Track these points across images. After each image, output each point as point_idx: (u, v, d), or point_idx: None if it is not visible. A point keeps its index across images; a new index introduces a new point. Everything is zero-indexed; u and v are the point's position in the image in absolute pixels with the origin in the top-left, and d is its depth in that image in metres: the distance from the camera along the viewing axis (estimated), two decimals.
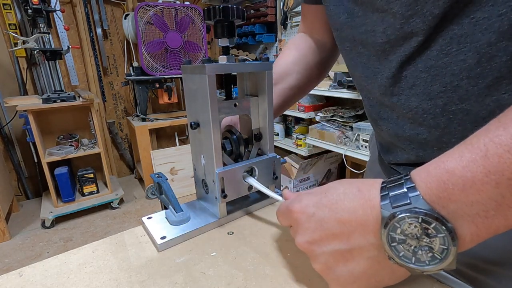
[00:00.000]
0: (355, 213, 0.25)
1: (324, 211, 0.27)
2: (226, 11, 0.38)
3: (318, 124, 2.03)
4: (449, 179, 0.21)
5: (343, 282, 0.27)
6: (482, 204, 0.20)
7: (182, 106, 2.91)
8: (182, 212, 0.42)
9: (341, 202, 0.26)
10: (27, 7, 1.73)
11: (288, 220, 0.31)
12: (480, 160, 0.20)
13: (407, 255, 0.23)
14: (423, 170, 0.23)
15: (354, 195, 0.26)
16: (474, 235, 0.21)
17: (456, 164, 0.21)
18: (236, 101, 0.43)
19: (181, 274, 0.33)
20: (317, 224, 0.27)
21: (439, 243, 0.22)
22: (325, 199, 0.27)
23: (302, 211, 0.28)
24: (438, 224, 0.21)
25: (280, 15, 2.52)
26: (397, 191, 0.23)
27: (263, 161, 0.44)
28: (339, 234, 0.26)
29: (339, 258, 0.26)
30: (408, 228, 0.22)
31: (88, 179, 2.16)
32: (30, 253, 1.78)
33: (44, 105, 1.81)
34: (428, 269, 0.22)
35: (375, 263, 0.25)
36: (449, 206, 0.21)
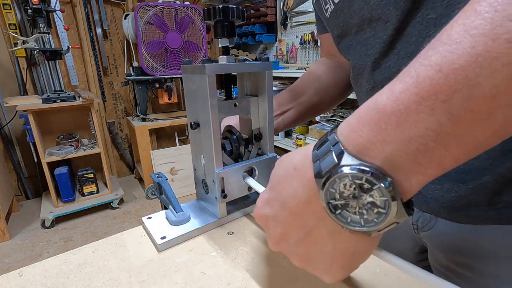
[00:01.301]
0: (297, 195, 0.24)
1: (274, 206, 0.26)
2: (226, 11, 0.38)
3: (318, 124, 2.03)
4: (381, 119, 0.19)
5: (324, 268, 0.26)
6: (420, 137, 0.18)
7: (182, 106, 2.91)
8: (182, 212, 0.42)
9: (284, 190, 0.25)
10: (27, 7, 1.73)
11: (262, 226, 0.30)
12: (411, 88, 0.18)
13: (355, 219, 0.21)
14: (353, 117, 0.21)
15: (292, 176, 0.25)
16: (418, 174, 0.19)
17: (387, 99, 0.19)
18: (236, 101, 0.43)
19: (181, 274, 0.33)
20: (274, 223, 0.27)
21: (378, 195, 0.20)
22: (273, 192, 0.27)
23: (260, 215, 0.28)
24: (367, 177, 0.19)
25: (280, 15, 2.52)
26: (324, 152, 0.21)
27: (263, 161, 0.44)
28: (294, 223, 0.25)
29: (306, 245, 0.25)
30: (345, 190, 0.21)
31: (88, 179, 2.16)
32: (30, 253, 1.78)
33: (44, 105, 1.81)
34: (380, 227, 0.21)
35: (337, 235, 0.23)
36: (385, 149, 0.19)
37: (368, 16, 0.36)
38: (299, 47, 2.43)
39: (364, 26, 0.38)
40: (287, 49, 2.55)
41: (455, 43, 0.17)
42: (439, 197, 0.37)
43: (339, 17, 0.42)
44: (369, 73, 0.40)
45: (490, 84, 0.16)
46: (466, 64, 0.17)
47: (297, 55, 2.48)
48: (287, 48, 2.56)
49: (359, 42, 0.40)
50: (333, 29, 0.46)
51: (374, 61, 0.38)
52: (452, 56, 0.17)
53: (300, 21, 2.37)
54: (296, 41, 2.46)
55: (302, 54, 2.44)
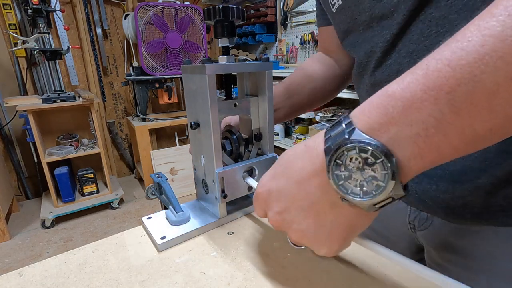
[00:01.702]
0: (305, 168, 0.25)
1: (280, 180, 0.28)
2: (226, 11, 0.38)
3: (318, 124, 2.03)
4: (389, 103, 0.21)
5: (323, 241, 0.27)
6: (422, 122, 0.20)
7: (182, 106, 2.91)
8: (182, 212, 0.42)
9: (292, 164, 0.27)
10: (27, 7, 1.72)
11: (259, 205, 0.31)
12: (420, 78, 0.20)
13: (355, 191, 0.23)
14: (366, 102, 0.23)
15: (302, 152, 0.26)
16: (417, 157, 0.21)
17: (397, 87, 0.21)
18: (236, 101, 0.43)
19: (181, 274, 0.33)
20: (278, 194, 0.28)
21: (380, 169, 0.21)
22: (279, 168, 0.28)
23: (263, 189, 0.29)
24: (374, 150, 0.21)
25: (280, 15, 2.52)
26: (336, 130, 0.23)
27: (263, 161, 0.44)
28: (298, 194, 0.26)
29: (307, 217, 0.26)
30: (350, 162, 0.22)
31: (88, 179, 2.16)
32: (30, 253, 1.78)
33: (44, 105, 1.81)
34: (376, 200, 0.22)
35: (338, 208, 0.25)
36: (390, 130, 0.21)
37: (379, 14, 0.36)
38: (299, 47, 2.43)
39: (372, 24, 0.38)
40: (287, 49, 2.55)
41: (466, 41, 0.18)
42: (435, 197, 0.37)
43: (346, 13, 0.42)
44: (372, 70, 0.40)
45: (493, 81, 0.17)
46: (473, 61, 0.18)
47: (297, 55, 2.48)
48: (287, 48, 2.56)
49: (365, 40, 0.40)
50: (338, 24, 0.46)
51: (377, 59, 0.38)
52: (462, 52, 0.18)
53: (300, 21, 2.37)
54: (296, 41, 2.46)
55: (302, 54, 2.44)
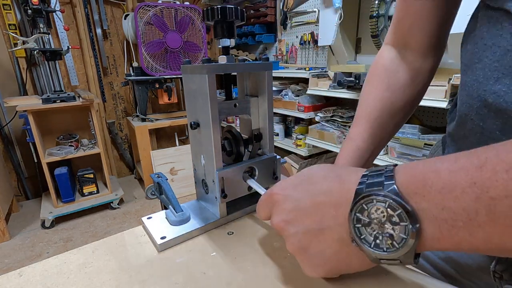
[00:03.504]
0: (331, 195, 0.26)
1: (301, 193, 0.28)
2: (225, 11, 0.38)
3: (318, 124, 2.03)
4: (431, 178, 0.21)
5: (315, 264, 0.27)
6: (454, 213, 0.19)
7: (182, 106, 2.91)
8: (182, 212, 0.42)
9: (319, 185, 0.27)
10: (27, 8, 1.73)
11: (267, 205, 0.31)
12: (472, 169, 0.19)
13: (368, 239, 0.23)
14: (411, 164, 0.23)
15: (333, 179, 0.26)
16: (435, 240, 0.21)
17: (447, 166, 0.20)
18: (236, 101, 0.43)
19: (181, 274, 0.33)
20: (293, 204, 0.28)
21: (399, 231, 0.22)
22: (305, 182, 0.28)
23: (281, 192, 0.29)
24: (403, 213, 0.21)
25: (280, 15, 2.52)
26: (375, 179, 0.23)
27: (263, 161, 0.44)
28: (313, 214, 0.26)
29: (311, 238, 0.26)
30: (375, 212, 0.22)
31: (88, 179, 2.16)
32: (30, 253, 1.78)
33: (44, 105, 1.81)
34: (384, 256, 0.22)
35: (344, 245, 0.25)
36: (421, 204, 0.21)
37: None
38: (299, 47, 2.43)
39: None
40: (287, 49, 2.55)
41: None
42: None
43: None
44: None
45: None
46: None
47: (297, 55, 2.48)
48: (287, 48, 2.56)
49: None
50: None
51: None
52: None
53: (300, 21, 2.37)
54: (296, 41, 2.46)
55: (302, 54, 2.44)
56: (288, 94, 2.20)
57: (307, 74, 1.97)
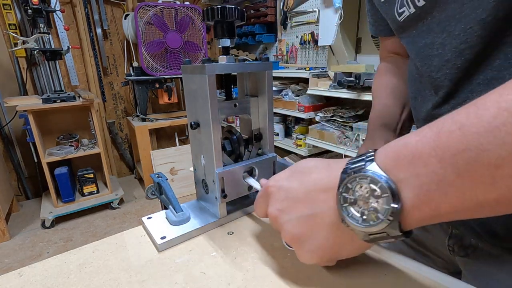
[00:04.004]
0: (320, 181, 0.28)
1: (293, 182, 0.29)
2: (225, 11, 0.38)
3: (318, 124, 2.03)
4: (402, 151, 0.23)
5: (309, 250, 0.28)
6: (426, 177, 0.21)
7: (182, 106, 2.91)
8: (182, 212, 0.42)
9: (309, 174, 0.29)
10: (27, 7, 1.72)
11: (264, 200, 0.32)
12: (433, 135, 0.21)
13: (355, 216, 0.24)
14: (388, 144, 0.25)
15: (322, 168, 0.28)
16: (415, 209, 0.22)
17: (413, 138, 0.22)
18: (236, 101, 0.43)
19: (181, 274, 0.33)
20: (286, 193, 0.29)
21: (382, 203, 0.23)
22: (296, 172, 0.30)
23: (275, 184, 0.31)
24: (383, 185, 0.22)
25: (280, 15, 2.52)
26: (358, 163, 0.25)
27: (263, 161, 0.44)
28: (304, 200, 0.28)
29: (304, 224, 0.28)
30: (359, 190, 0.24)
31: (88, 179, 2.16)
32: (30, 253, 1.78)
33: (44, 105, 1.81)
34: (372, 230, 0.23)
35: (335, 228, 0.26)
36: (398, 175, 0.22)
37: None
38: (299, 47, 2.43)
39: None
40: (287, 49, 2.55)
41: (483, 109, 0.19)
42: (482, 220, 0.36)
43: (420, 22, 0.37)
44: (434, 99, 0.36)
45: (498, 155, 0.18)
46: (484, 131, 0.18)
47: (297, 55, 2.48)
48: (287, 48, 2.56)
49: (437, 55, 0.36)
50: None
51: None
52: (475, 120, 0.19)
53: (300, 21, 2.37)
54: (296, 41, 2.46)
55: (302, 54, 2.44)
56: (288, 94, 2.20)
57: (307, 74, 1.97)
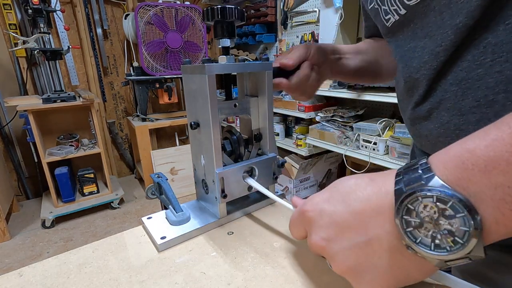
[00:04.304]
0: (369, 201, 0.23)
1: (336, 205, 0.25)
2: (225, 11, 0.38)
3: (318, 124, 2.03)
4: (469, 159, 0.19)
5: (369, 281, 0.24)
6: (508, 188, 0.17)
7: (182, 106, 2.91)
8: (182, 212, 0.42)
9: (353, 193, 0.25)
10: (27, 7, 1.73)
11: (301, 224, 0.29)
12: (507, 138, 0.18)
13: (425, 242, 0.20)
14: (443, 151, 0.21)
15: (366, 184, 0.24)
16: (501, 225, 0.18)
17: (479, 142, 0.19)
18: (236, 101, 0.43)
19: (181, 274, 0.33)
20: (330, 219, 0.25)
21: (459, 224, 0.19)
22: (337, 193, 0.26)
23: (314, 208, 0.27)
24: (455, 202, 0.19)
25: (280, 15, 2.52)
26: (411, 175, 0.21)
27: (263, 161, 0.44)
28: (354, 225, 0.24)
29: (359, 252, 0.24)
30: (424, 210, 0.20)
31: (88, 179, 2.16)
32: (30, 253, 1.78)
33: (44, 105, 1.81)
34: (450, 256, 0.20)
35: (398, 254, 0.22)
36: (470, 188, 0.19)
37: None
38: None
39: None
40: (287, 49, 2.55)
41: None
42: None
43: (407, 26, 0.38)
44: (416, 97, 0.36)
45: None
46: None
47: None
48: (287, 48, 2.56)
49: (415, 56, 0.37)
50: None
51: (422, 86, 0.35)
52: None
53: (300, 21, 2.37)
54: (296, 41, 2.46)
55: None
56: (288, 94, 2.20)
57: None
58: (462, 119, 0.30)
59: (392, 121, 1.65)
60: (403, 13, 0.35)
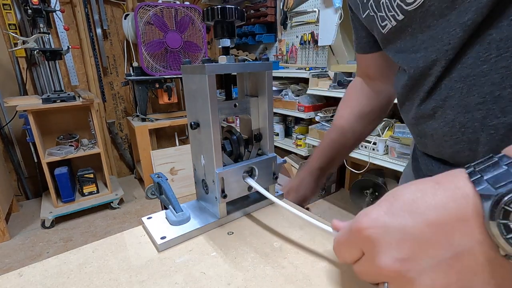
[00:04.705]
0: (445, 208, 0.20)
1: (403, 216, 0.21)
2: (225, 11, 0.38)
3: (318, 124, 2.03)
4: None
5: None
6: None
7: (182, 106, 2.91)
8: (182, 212, 0.42)
9: (420, 201, 0.21)
10: (27, 7, 1.72)
11: (356, 245, 0.24)
12: None
13: None
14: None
15: (434, 189, 0.21)
16: None
17: None
18: (236, 102, 0.43)
19: (181, 274, 0.33)
20: (400, 234, 0.21)
21: None
22: (397, 203, 0.22)
23: (375, 224, 0.22)
24: None
25: (280, 15, 2.52)
26: (494, 172, 0.19)
27: (263, 161, 0.44)
28: (435, 239, 0.20)
29: (448, 271, 0.20)
30: None
31: (88, 179, 2.16)
32: (30, 253, 1.78)
33: (44, 105, 1.81)
34: None
35: (497, 267, 0.19)
36: None
37: None
38: (299, 47, 2.43)
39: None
40: (287, 49, 2.55)
41: None
42: None
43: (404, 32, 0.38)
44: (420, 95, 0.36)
45: None
46: None
47: (297, 55, 2.48)
48: (287, 48, 2.56)
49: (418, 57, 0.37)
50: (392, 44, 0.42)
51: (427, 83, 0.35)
52: None
53: (300, 21, 2.37)
54: (296, 41, 2.46)
55: (302, 54, 2.44)
56: (288, 94, 2.20)
57: (307, 74, 1.97)
58: (468, 116, 0.30)
59: (391, 121, 1.65)
60: (401, 18, 0.35)
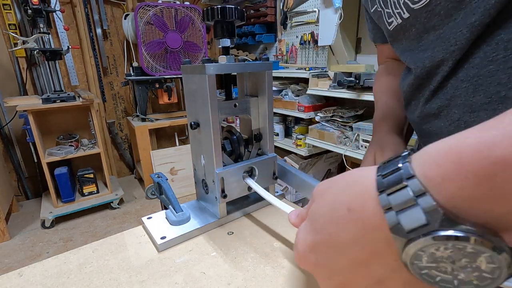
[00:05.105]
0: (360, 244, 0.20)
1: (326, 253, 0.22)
2: (225, 11, 0.38)
3: (318, 124, 2.03)
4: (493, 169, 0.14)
5: None
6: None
7: (182, 106, 2.91)
8: (182, 212, 0.42)
9: (336, 235, 0.21)
10: (27, 7, 1.73)
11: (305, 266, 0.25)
12: None
13: (446, 279, 0.17)
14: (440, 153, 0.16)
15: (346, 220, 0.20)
16: None
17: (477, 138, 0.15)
18: (236, 101, 0.43)
19: (181, 274, 0.33)
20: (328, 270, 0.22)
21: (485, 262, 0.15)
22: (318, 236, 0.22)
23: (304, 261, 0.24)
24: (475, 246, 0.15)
25: (280, 15, 2.52)
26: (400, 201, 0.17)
27: (263, 161, 0.44)
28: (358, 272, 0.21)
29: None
30: (437, 252, 0.16)
31: (88, 179, 2.16)
32: (30, 253, 1.78)
33: (44, 105, 1.81)
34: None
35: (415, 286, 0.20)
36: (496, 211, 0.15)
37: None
38: (299, 47, 2.43)
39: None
40: (287, 49, 2.55)
41: None
42: None
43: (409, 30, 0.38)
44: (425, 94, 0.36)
45: None
46: None
47: (297, 55, 2.48)
48: (287, 48, 2.56)
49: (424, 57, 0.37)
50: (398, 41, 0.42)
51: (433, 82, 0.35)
52: None
53: (300, 21, 2.37)
54: (296, 41, 2.46)
55: (302, 54, 2.44)
56: (288, 94, 2.20)
57: (307, 74, 1.97)
58: (473, 116, 0.30)
59: None
60: (406, 16, 0.35)
